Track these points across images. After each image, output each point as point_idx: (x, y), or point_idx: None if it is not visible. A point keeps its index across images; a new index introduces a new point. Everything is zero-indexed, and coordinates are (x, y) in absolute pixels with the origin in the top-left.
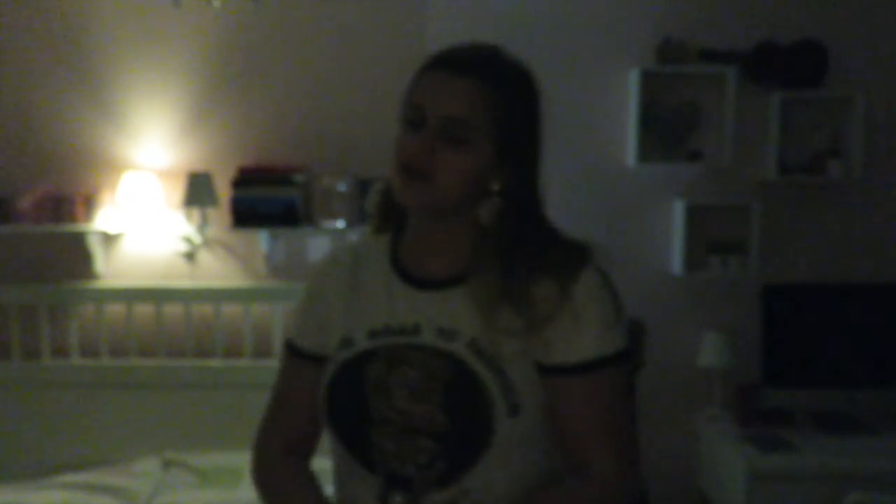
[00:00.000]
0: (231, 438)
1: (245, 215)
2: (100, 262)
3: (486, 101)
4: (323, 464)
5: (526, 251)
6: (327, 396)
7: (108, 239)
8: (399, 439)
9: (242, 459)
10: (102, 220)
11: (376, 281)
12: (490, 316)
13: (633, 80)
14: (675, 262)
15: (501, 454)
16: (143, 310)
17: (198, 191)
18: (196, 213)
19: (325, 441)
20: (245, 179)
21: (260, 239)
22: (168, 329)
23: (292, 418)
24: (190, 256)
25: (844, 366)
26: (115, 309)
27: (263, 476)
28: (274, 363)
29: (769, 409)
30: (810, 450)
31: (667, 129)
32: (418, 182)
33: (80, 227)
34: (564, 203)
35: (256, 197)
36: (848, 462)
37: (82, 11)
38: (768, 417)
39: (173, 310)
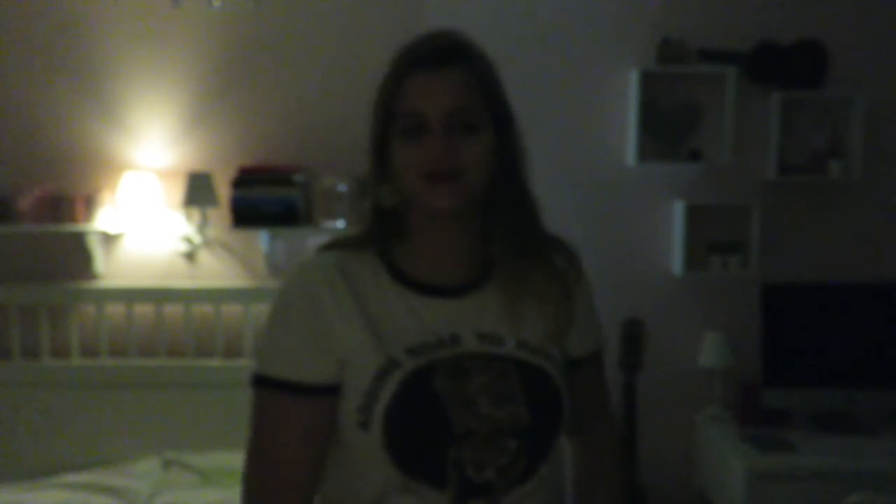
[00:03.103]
0: (231, 438)
1: (245, 215)
2: (100, 262)
3: (478, 84)
4: None
5: (532, 238)
6: (388, 420)
7: (108, 239)
8: (480, 446)
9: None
10: (102, 220)
11: (386, 298)
12: (526, 315)
13: (633, 80)
14: (675, 262)
15: (560, 437)
16: (143, 310)
17: (198, 191)
18: (196, 213)
19: None
20: (245, 179)
21: (260, 239)
22: (168, 329)
23: (298, 469)
24: (190, 256)
25: (844, 366)
26: (115, 309)
27: None
28: None
29: (769, 409)
30: (810, 450)
31: (667, 129)
32: (449, 184)
33: (80, 227)
34: (565, 203)
35: (256, 197)
36: (848, 462)
37: (82, 12)
38: (768, 417)
39: (173, 310)
